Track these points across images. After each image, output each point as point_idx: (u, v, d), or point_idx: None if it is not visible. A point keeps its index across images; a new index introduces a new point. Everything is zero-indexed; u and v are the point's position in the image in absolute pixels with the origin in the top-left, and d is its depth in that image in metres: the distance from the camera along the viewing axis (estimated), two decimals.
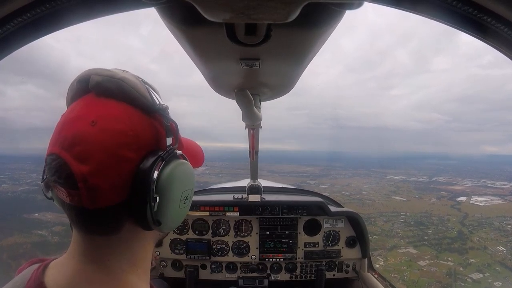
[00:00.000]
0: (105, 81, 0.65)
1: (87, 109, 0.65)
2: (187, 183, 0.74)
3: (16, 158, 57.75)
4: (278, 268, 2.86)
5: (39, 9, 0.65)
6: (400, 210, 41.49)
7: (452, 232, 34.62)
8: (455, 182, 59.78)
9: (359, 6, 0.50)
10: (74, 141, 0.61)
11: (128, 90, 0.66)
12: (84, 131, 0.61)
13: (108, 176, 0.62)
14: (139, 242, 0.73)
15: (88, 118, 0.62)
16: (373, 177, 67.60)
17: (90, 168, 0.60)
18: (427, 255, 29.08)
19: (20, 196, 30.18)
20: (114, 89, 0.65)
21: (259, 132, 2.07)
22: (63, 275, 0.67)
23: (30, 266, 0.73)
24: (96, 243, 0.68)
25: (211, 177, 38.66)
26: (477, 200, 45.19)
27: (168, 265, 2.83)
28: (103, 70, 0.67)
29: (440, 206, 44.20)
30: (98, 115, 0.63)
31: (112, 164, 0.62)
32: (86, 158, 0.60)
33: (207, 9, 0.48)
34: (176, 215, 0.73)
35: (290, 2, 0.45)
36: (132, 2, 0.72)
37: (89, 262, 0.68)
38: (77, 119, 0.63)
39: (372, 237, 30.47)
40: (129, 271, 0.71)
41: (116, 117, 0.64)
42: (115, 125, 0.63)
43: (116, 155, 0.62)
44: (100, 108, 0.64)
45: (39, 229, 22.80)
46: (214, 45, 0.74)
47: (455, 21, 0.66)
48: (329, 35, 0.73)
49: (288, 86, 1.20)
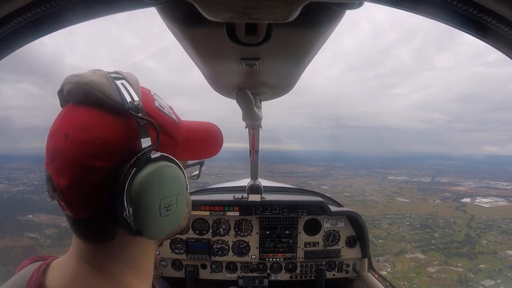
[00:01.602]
0: (73, 88, 0.63)
1: (61, 121, 0.65)
2: (167, 189, 0.66)
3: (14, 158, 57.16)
4: (278, 267, 2.86)
5: (39, 9, 0.65)
6: (404, 212, 40.88)
7: (460, 236, 33.96)
8: (458, 182, 59.36)
9: (359, 6, 0.50)
10: (53, 156, 0.63)
11: (94, 94, 0.61)
12: (59, 145, 0.62)
13: (82, 188, 0.61)
14: (137, 247, 0.72)
15: (62, 131, 0.62)
16: (374, 177, 67.23)
17: (67, 182, 0.60)
18: (435, 260, 28.32)
19: (15, 196, 29.51)
20: (82, 96, 0.62)
21: (259, 132, 2.07)
22: (63, 276, 0.67)
23: (31, 264, 0.73)
24: (92, 248, 0.68)
25: (211, 177, 38.49)
26: (481, 202, 44.73)
27: (168, 265, 2.83)
28: (73, 76, 0.64)
29: (445, 208, 43.68)
30: (69, 126, 0.62)
31: (84, 176, 0.60)
32: (62, 171, 0.61)
33: (207, 9, 0.48)
34: (160, 224, 0.66)
35: (290, 2, 0.45)
36: (132, 2, 0.72)
37: (88, 265, 0.68)
38: (54, 133, 0.64)
39: (378, 241, 29.98)
40: (128, 273, 0.71)
41: (82, 126, 0.61)
42: (81, 135, 0.60)
43: (85, 166, 0.60)
44: (72, 118, 0.63)
45: (32, 232, 22.29)
46: (215, 45, 0.74)
47: (455, 21, 0.66)
48: (329, 34, 0.73)
49: (288, 86, 1.21)
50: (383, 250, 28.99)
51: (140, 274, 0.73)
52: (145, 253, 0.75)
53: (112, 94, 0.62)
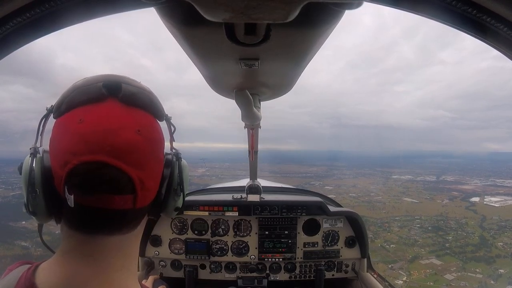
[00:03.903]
0: (139, 93, 0.72)
1: (127, 118, 0.68)
2: (187, 174, 0.88)
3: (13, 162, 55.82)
4: (277, 268, 2.86)
5: (39, 9, 0.64)
6: (413, 214, 39.28)
7: (474, 238, 32.34)
8: (464, 181, 57.96)
9: (358, 6, 0.51)
10: (128, 149, 0.65)
11: (155, 103, 0.76)
12: (134, 140, 0.66)
13: (156, 178, 0.75)
14: (139, 236, 0.80)
15: (133, 127, 0.67)
16: (378, 177, 65.75)
17: (145, 173, 0.68)
18: (452, 266, 26.52)
19: (11, 201, 28.19)
20: (147, 101, 0.73)
21: (258, 132, 2.07)
22: (55, 274, 0.67)
23: (20, 267, 0.73)
24: (101, 244, 0.69)
25: (212, 179, 38.03)
26: (491, 201, 43.30)
27: (167, 265, 2.83)
28: (131, 80, 0.73)
29: (454, 208, 42.00)
30: (140, 124, 0.69)
31: (157, 167, 0.74)
32: (141, 165, 0.67)
33: (206, 9, 0.48)
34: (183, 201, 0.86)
35: (289, 2, 0.46)
36: (132, 2, 0.72)
37: (84, 262, 0.68)
38: (122, 127, 0.65)
39: (389, 246, 28.77)
40: (124, 266, 0.73)
41: (153, 127, 0.73)
42: (155, 134, 0.73)
43: (159, 159, 0.75)
44: (138, 117, 0.70)
45: (23, 240, 21.17)
46: (214, 45, 0.74)
47: (454, 21, 0.67)
48: (328, 34, 0.73)
49: (287, 86, 1.21)
50: (396, 256, 27.43)
51: (133, 268, 0.78)
52: (138, 244, 0.82)
53: (162, 107, 0.79)
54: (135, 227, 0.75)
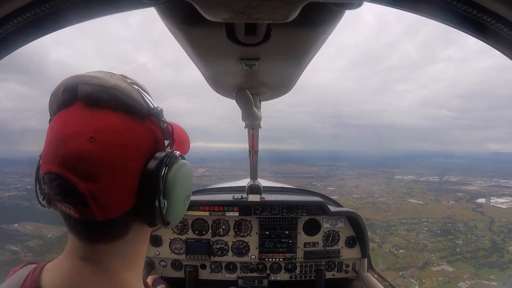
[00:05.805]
0: (96, 91, 0.62)
1: (82, 123, 0.61)
2: (189, 182, 0.76)
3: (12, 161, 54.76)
4: (278, 268, 2.86)
5: (39, 9, 0.64)
6: (420, 216, 38.30)
7: (485, 242, 31.33)
8: (467, 181, 57.40)
9: (358, 6, 0.51)
10: (76, 160, 0.59)
11: (122, 98, 0.64)
12: (84, 149, 0.59)
13: (116, 190, 0.62)
14: (142, 241, 0.77)
15: (85, 134, 0.60)
16: (380, 177, 65.27)
17: (98, 186, 0.60)
18: (465, 273, 25.40)
19: (5, 203, 27.53)
20: (107, 99, 0.63)
21: (258, 132, 2.07)
22: (60, 276, 0.67)
23: (26, 267, 0.73)
24: (98, 249, 0.69)
25: (212, 179, 37.71)
26: (497, 202, 42.79)
27: (167, 265, 2.83)
28: (90, 78, 0.64)
29: (461, 210, 41.11)
30: (95, 129, 0.60)
31: (118, 178, 0.62)
32: (92, 176, 0.59)
33: (207, 9, 0.48)
34: (181, 213, 0.76)
35: (290, 2, 0.46)
36: (132, 2, 0.72)
37: (88, 264, 0.68)
38: (73, 135, 0.60)
39: (398, 251, 27.82)
40: (126, 269, 0.72)
41: (114, 130, 0.62)
42: (115, 139, 0.61)
43: (121, 169, 0.62)
44: (95, 120, 0.61)
45: (14, 244, 20.20)
46: (214, 45, 0.74)
47: (455, 21, 0.66)
48: (329, 34, 0.73)
49: (288, 86, 1.21)
50: (406, 262, 26.41)
51: (137, 268, 0.76)
52: (144, 246, 0.79)
53: (139, 100, 0.66)
54: (124, 235, 0.69)
